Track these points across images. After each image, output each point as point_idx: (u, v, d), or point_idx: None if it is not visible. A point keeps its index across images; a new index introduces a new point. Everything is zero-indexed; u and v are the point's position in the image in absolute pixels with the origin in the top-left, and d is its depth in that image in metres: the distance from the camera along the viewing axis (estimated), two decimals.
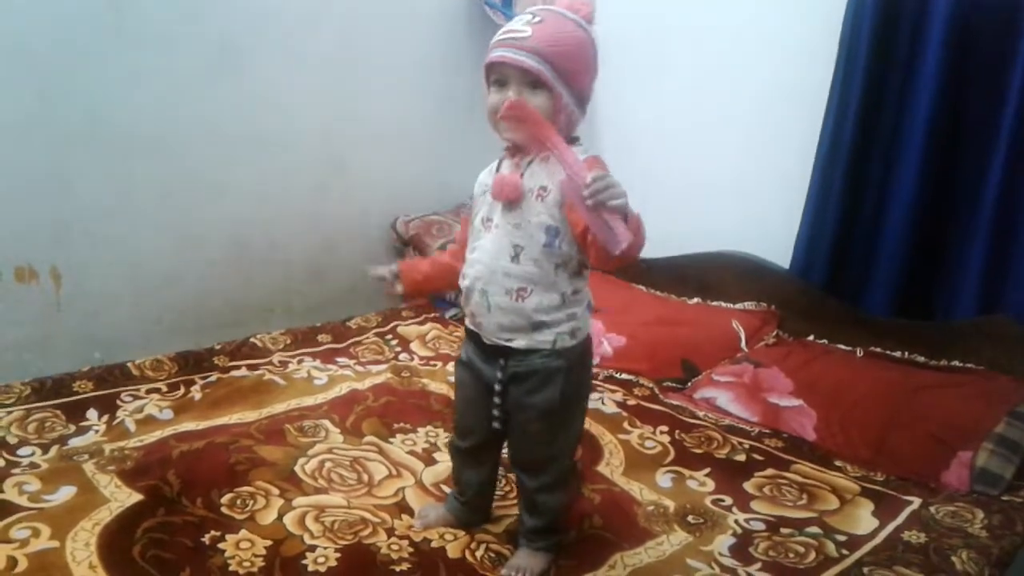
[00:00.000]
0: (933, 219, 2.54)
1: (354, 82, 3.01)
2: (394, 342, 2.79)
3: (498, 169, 1.58)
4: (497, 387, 1.59)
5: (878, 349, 2.56)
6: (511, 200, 1.51)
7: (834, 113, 2.64)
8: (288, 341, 2.67)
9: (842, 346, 2.62)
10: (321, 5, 2.82)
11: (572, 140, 1.53)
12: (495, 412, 1.61)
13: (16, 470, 1.81)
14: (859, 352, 2.57)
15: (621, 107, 3.27)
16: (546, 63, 1.44)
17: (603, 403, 2.38)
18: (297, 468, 1.92)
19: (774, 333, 2.75)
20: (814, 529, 1.84)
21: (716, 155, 3.00)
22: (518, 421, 1.61)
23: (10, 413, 2.04)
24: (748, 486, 2.01)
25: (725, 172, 2.99)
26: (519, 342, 1.54)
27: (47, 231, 2.37)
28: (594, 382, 2.50)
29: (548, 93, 1.45)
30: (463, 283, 1.60)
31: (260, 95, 2.73)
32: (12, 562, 1.50)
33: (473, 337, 1.63)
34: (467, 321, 1.64)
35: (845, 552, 1.77)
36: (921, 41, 2.48)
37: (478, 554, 1.67)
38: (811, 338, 2.69)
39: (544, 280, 1.51)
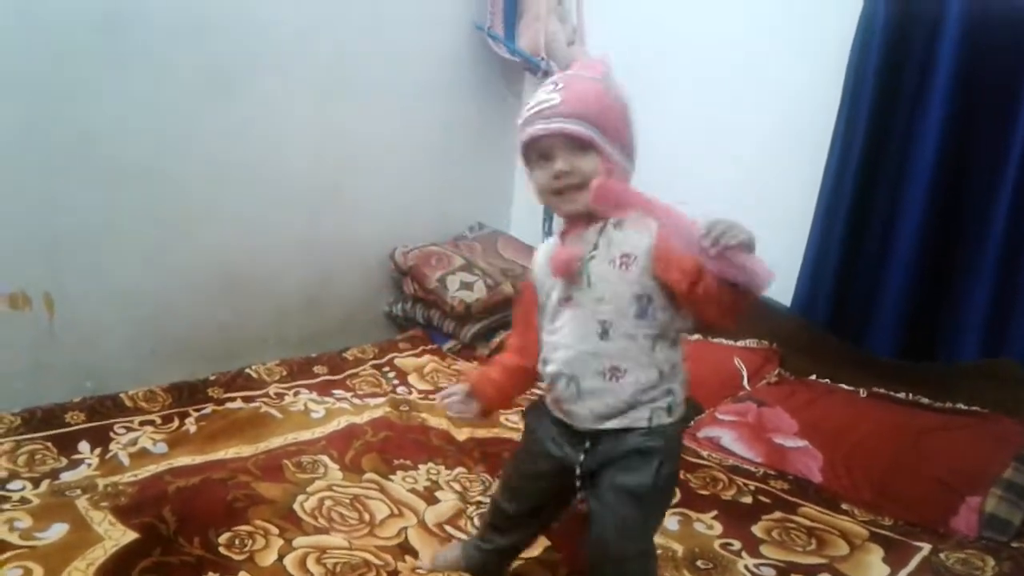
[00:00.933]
0: (937, 259, 2.54)
1: (351, 110, 2.98)
2: (391, 374, 2.75)
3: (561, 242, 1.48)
4: (578, 470, 1.46)
5: (881, 390, 2.54)
6: (567, 276, 1.41)
7: (838, 149, 2.64)
8: (284, 372, 2.63)
9: (845, 386, 2.60)
10: (318, 32, 2.80)
11: None
12: (579, 495, 1.50)
13: (6, 505, 1.76)
14: (862, 392, 2.55)
15: None
16: (588, 124, 1.38)
17: None
18: (296, 506, 1.87)
19: (776, 371, 2.73)
20: None
21: (717, 191, 2.95)
22: (606, 507, 1.44)
23: (0, 445, 1.98)
24: (756, 530, 1.98)
25: (726, 208, 2.94)
26: (611, 423, 1.41)
27: (42, 257, 2.32)
28: None
29: (596, 154, 1.39)
30: (547, 369, 1.47)
31: (255, 122, 2.70)
32: None
33: (557, 422, 1.49)
34: (550, 406, 1.50)
35: None
36: (928, 78, 2.48)
37: None
38: (813, 377, 2.67)
39: (640, 356, 1.39)
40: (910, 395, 2.49)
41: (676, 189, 2.99)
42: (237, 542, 1.70)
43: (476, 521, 1.89)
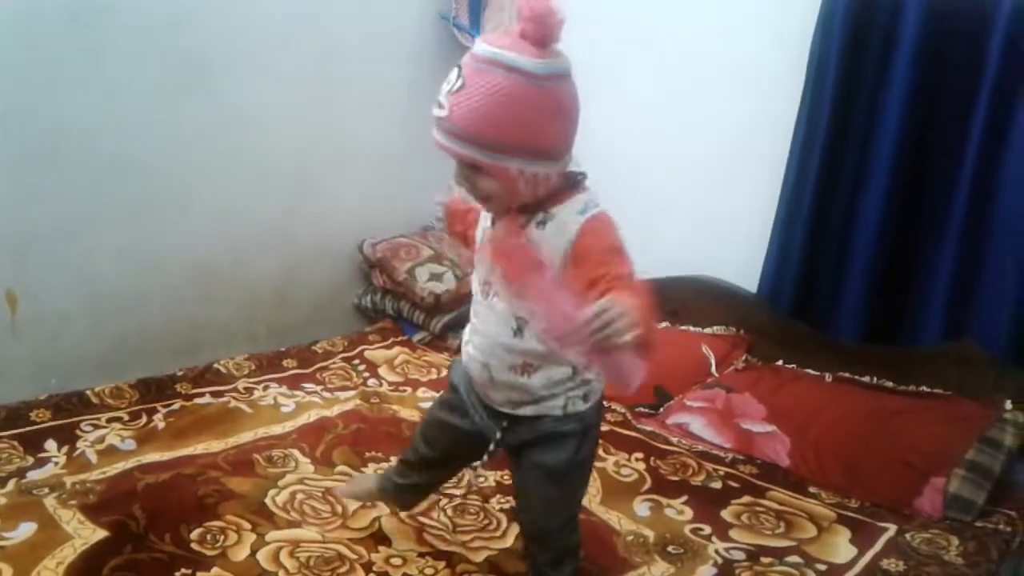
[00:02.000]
0: (900, 245, 2.57)
1: (326, 102, 2.96)
2: (361, 367, 2.74)
3: (493, 223, 1.43)
4: (491, 446, 1.50)
5: (847, 374, 2.57)
6: (511, 279, 1.33)
7: (802, 137, 2.66)
8: (253, 367, 2.61)
9: (811, 371, 2.62)
10: (294, 24, 2.77)
11: (574, 185, 1.38)
12: (485, 458, 1.53)
13: None
14: (828, 377, 2.58)
15: (589, 130, 3.26)
16: (475, 145, 1.27)
17: None
18: (268, 500, 1.86)
19: (743, 358, 2.75)
20: (794, 558, 1.84)
21: (682, 179, 3.00)
22: (528, 483, 1.50)
23: None
24: (726, 514, 2.00)
25: (692, 197, 2.99)
26: (526, 410, 1.44)
27: (7, 252, 2.28)
28: None
29: (488, 175, 1.30)
30: (466, 348, 1.49)
31: (230, 113, 2.67)
32: None
33: (478, 393, 1.52)
34: (473, 381, 1.51)
35: None
36: (888, 67, 2.51)
37: None
38: (780, 363, 2.69)
39: (550, 356, 1.37)
40: (875, 379, 2.52)
41: (642, 177, 3.06)
42: (209, 538, 1.69)
43: (448, 512, 1.90)
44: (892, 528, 1.97)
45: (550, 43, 1.28)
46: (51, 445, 2.02)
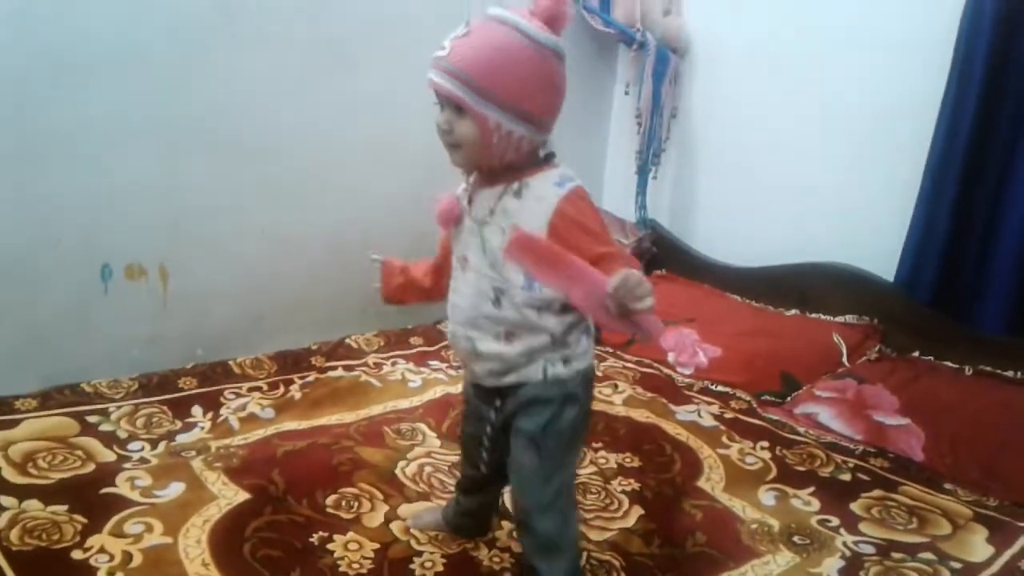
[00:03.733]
0: None
1: None
2: None
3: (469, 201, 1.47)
4: (488, 430, 1.53)
5: (988, 368, 2.45)
6: (445, 225, 1.48)
7: (948, 117, 2.53)
8: (382, 343, 2.69)
9: (949, 363, 2.52)
10: (429, 10, 2.82)
11: (546, 159, 1.42)
12: (484, 455, 1.56)
13: (127, 465, 1.86)
14: (968, 370, 2.47)
15: (717, 107, 3.22)
16: (463, 84, 1.32)
17: (700, 416, 2.34)
18: (398, 471, 1.93)
19: (876, 348, 2.66)
20: (927, 555, 1.77)
21: (819, 160, 2.92)
22: (513, 455, 1.48)
23: (119, 408, 2.10)
24: (855, 507, 1.95)
25: (828, 178, 2.90)
26: (509, 378, 1.44)
27: (158, 230, 2.44)
28: (690, 393, 2.48)
29: (472, 119, 1.34)
30: (448, 328, 1.53)
31: (365, 98, 2.76)
32: (127, 557, 1.54)
33: (474, 384, 1.56)
34: (460, 356, 1.56)
35: None
36: None
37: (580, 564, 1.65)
38: (916, 354, 2.60)
39: (528, 324, 1.40)
40: (1019, 374, 2.40)
41: (783, 164, 2.98)
42: (344, 503, 1.76)
43: None
44: None
45: (557, 27, 1.36)
46: (197, 411, 2.15)
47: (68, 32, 2.17)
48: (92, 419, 2.02)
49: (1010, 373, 2.41)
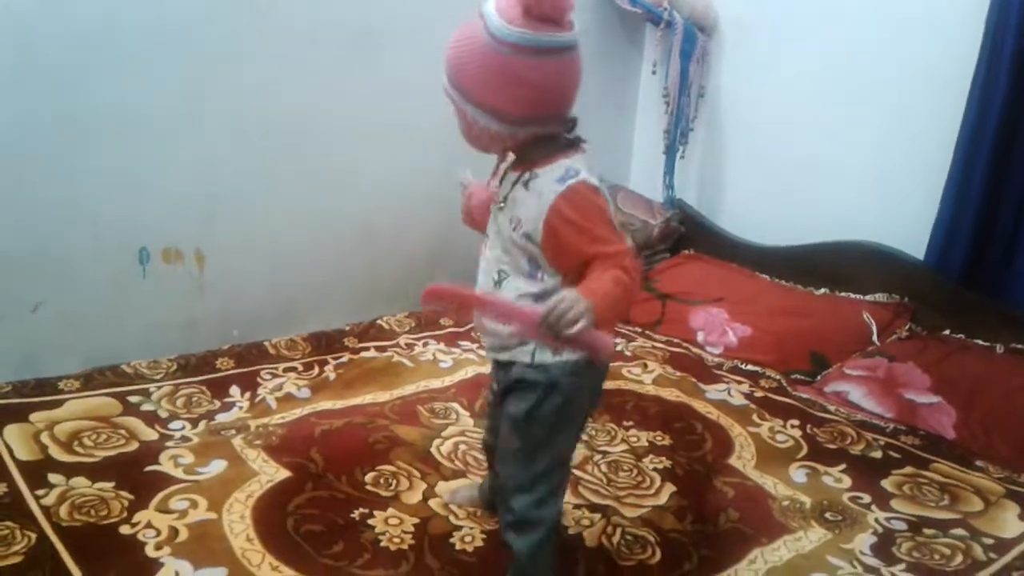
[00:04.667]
0: None
1: None
2: None
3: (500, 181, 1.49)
4: (491, 399, 1.60)
5: (1020, 346, 2.45)
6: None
7: (979, 93, 2.51)
8: (412, 324, 2.72)
9: (980, 341, 2.52)
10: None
11: (568, 146, 1.41)
12: (493, 424, 1.61)
13: (170, 443, 1.90)
14: (999, 348, 2.47)
15: (744, 86, 3.21)
16: (446, 78, 1.38)
17: (730, 394, 2.35)
18: (433, 449, 1.96)
19: (907, 327, 2.66)
20: (959, 531, 1.79)
21: (847, 138, 2.91)
22: (501, 435, 1.52)
23: (160, 388, 2.15)
24: (886, 484, 1.96)
25: (856, 156, 2.89)
26: (504, 355, 1.47)
27: (194, 215, 2.48)
28: (719, 372, 2.49)
29: (455, 111, 1.39)
30: None
31: (393, 83, 2.77)
32: (173, 532, 1.58)
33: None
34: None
35: (993, 556, 1.71)
36: None
37: (615, 540, 1.68)
38: (947, 332, 2.59)
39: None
40: None
41: (811, 141, 2.97)
42: (382, 481, 1.80)
43: (603, 467, 1.95)
44: None
45: (536, 17, 1.29)
46: (235, 391, 2.19)
47: (104, 16, 2.20)
48: (134, 399, 2.07)
49: None
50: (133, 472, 1.76)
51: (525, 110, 1.35)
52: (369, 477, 1.81)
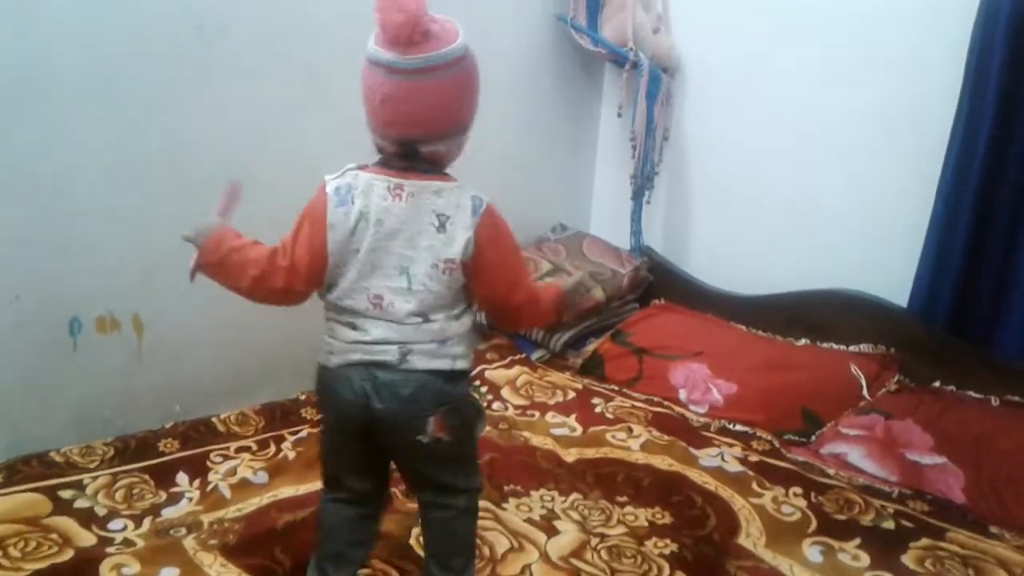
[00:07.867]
0: None
1: None
2: (484, 389, 2.62)
3: None
4: None
5: (1016, 398, 2.35)
6: None
7: (961, 134, 2.43)
8: None
9: (974, 393, 2.42)
10: None
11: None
12: None
13: (110, 548, 1.66)
14: (995, 401, 2.37)
15: (710, 128, 3.10)
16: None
17: (723, 460, 2.19)
18: (413, 540, 1.75)
19: (896, 378, 2.55)
20: None
21: (824, 182, 2.80)
22: None
23: (95, 479, 1.90)
24: (907, 559, 1.82)
25: (832, 201, 2.79)
26: None
27: (130, 277, 2.22)
28: (709, 434, 2.35)
29: None
30: None
31: (343, 123, 2.57)
32: None
33: None
34: None
35: None
36: None
37: None
38: (937, 384, 2.49)
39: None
40: None
41: (785, 185, 2.86)
42: None
43: (603, 554, 1.76)
44: None
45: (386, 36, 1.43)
46: (183, 479, 1.95)
47: (29, 56, 1.96)
48: (65, 494, 1.82)
49: None
50: None
51: (375, 124, 1.58)
52: None
